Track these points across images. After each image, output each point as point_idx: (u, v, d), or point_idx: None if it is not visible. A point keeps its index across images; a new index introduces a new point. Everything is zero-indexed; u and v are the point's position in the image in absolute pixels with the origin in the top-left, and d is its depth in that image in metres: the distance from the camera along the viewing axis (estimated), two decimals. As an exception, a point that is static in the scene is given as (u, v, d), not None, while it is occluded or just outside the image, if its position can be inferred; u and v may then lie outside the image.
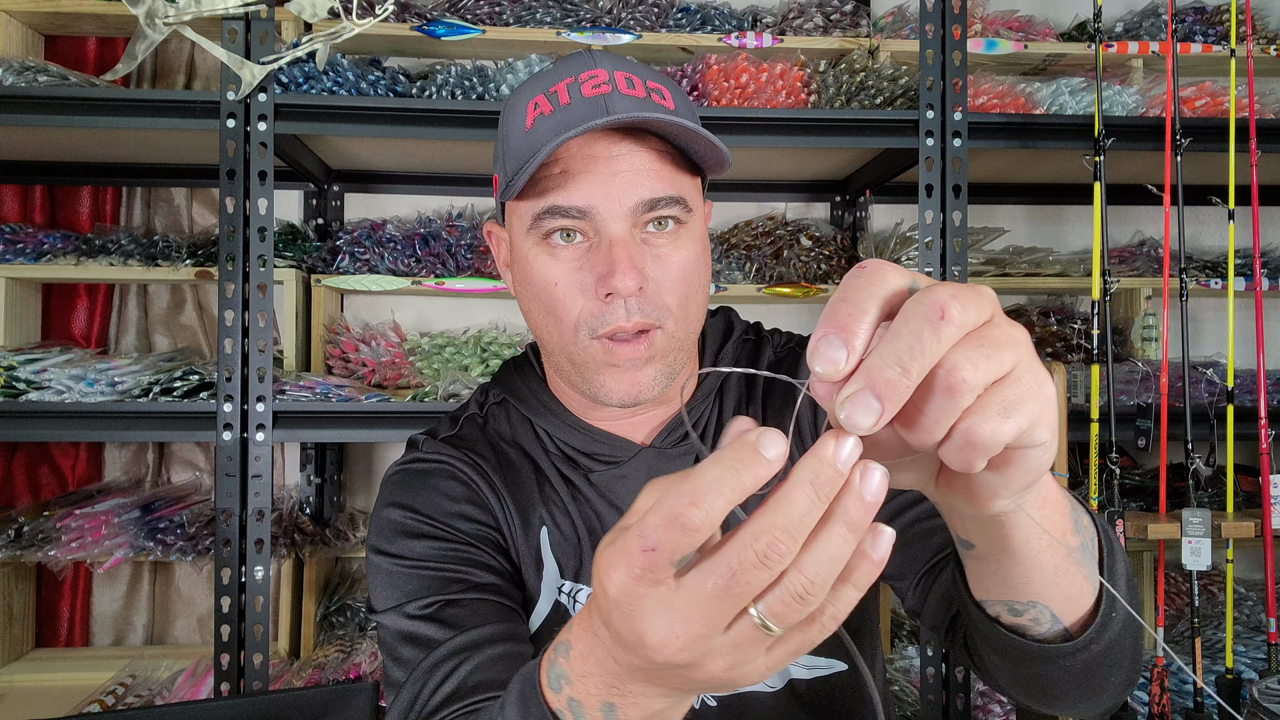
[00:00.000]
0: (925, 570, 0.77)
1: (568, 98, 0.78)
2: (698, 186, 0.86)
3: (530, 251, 0.82)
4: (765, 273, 2.23)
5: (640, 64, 0.83)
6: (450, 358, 2.08)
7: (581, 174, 0.78)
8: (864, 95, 1.99)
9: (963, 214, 1.85)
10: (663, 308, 0.80)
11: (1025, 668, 0.62)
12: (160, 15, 1.68)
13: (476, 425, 0.96)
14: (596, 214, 0.78)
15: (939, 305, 0.38)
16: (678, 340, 0.82)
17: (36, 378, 1.83)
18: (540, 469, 0.92)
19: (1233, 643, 1.78)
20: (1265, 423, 1.79)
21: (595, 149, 0.78)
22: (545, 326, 0.83)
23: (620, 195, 0.78)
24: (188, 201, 2.37)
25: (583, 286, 0.80)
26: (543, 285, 0.81)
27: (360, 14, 1.72)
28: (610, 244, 0.78)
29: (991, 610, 0.59)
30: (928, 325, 0.38)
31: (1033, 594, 0.56)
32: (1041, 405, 0.41)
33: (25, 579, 2.23)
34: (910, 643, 2.17)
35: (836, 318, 0.40)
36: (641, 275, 0.78)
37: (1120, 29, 2.33)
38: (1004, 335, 0.40)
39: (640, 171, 0.78)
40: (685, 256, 0.81)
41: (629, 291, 0.77)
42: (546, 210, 0.79)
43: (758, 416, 0.91)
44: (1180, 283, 1.84)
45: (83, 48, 2.31)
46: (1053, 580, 0.55)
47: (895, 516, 0.80)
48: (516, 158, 0.80)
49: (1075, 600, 0.58)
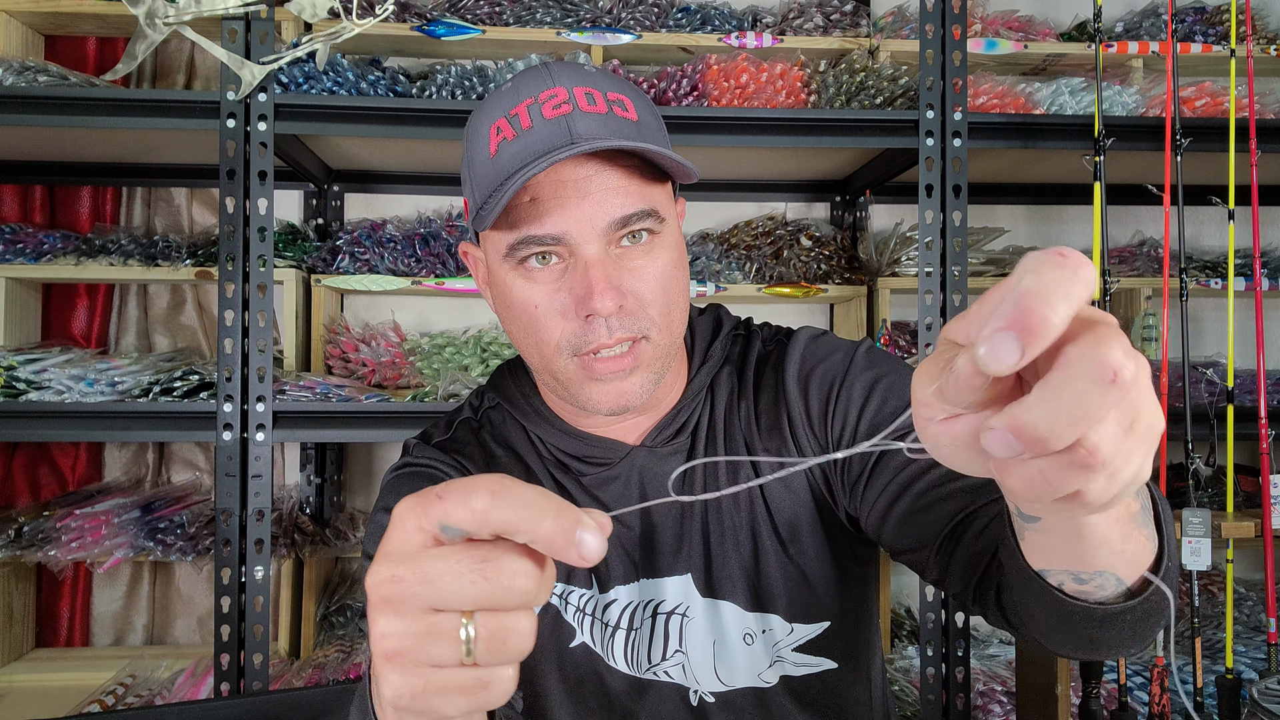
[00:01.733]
0: (943, 539, 0.76)
1: (529, 120, 0.78)
2: (668, 192, 0.86)
3: (507, 277, 0.82)
4: (765, 273, 2.23)
5: (600, 73, 0.83)
6: (450, 358, 2.08)
7: (551, 200, 0.78)
8: (864, 95, 1.99)
9: (963, 214, 1.85)
10: (645, 319, 0.80)
11: (1082, 629, 0.61)
12: (160, 15, 1.68)
13: (471, 429, 0.97)
14: (570, 238, 0.78)
15: (1111, 368, 0.35)
16: (663, 348, 0.83)
17: (36, 378, 1.83)
18: (532, 472, 0.92)
19: (1233, 643, 1.78)
20: (1265, 423, 1.79)
21: (562, 174, 0.78)
22: (528, 346, 0.84)
23: (592, 217, 0.78)
24: (188, 201, 2.37)
25: (562, 308, 0.80)
26: (523, 308, 0.81)
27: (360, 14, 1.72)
28: (586, 265, 0.78)
29: (1054, 579, 0.58)
30: (1095, 388, 0.35)
31: (1100, 564, 0.55)
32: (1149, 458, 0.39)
33: (25, 579, 2.23)
34: (910, 643, 2.17)
35: (1026, 314, 0.34)
36: (620, 293, 0.78)
37: (1120, 29, 2.33)
38: (1148, 405, 0.38)
39: (609, 191, 0.78)
40: (661, 265, 0.81)
41: (608, 311, 0.78)
42: (520, 241, 0.79)
43: (748, 413, 0.91)
44: (1180, 283, 1.84)
45: (83, 48, 2.31)
46: (1120, 549, 0.54)
47: (906, 488, 0.79)
48: (484, 185, 0.80)
49: (1139, 563, 0.56)
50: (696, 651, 0.88)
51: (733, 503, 0.89)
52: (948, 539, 0.75)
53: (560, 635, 0.89)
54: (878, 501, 0.81)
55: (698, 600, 0.88)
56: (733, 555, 0.88)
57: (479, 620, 0.42)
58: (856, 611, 0.92)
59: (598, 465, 0.90)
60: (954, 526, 0.75)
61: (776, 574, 0.88)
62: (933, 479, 0.78)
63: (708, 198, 2.46)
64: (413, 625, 0.43)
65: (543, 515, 0.41)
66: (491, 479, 0.43)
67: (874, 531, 0.84)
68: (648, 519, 0.90)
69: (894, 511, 0.80)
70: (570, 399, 0.84)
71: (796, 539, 0.89)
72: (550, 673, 0.89)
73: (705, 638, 0.88)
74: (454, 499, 0.42)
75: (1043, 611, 0.62)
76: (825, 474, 0.89)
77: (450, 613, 0.43)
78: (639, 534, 0.89)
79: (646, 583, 0.89)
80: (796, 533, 0.89)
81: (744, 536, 0.88)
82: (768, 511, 0.89)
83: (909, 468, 0.80)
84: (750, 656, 0.88)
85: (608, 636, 0.89)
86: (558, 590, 0.90)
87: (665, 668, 0.88)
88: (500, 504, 0.41)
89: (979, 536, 0.72)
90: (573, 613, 0.89)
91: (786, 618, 0.88)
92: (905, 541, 0.80)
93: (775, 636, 0.88)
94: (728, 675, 0.88)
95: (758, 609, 0.88)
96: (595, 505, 0.90)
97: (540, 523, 0.41)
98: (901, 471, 0.80)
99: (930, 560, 0.78)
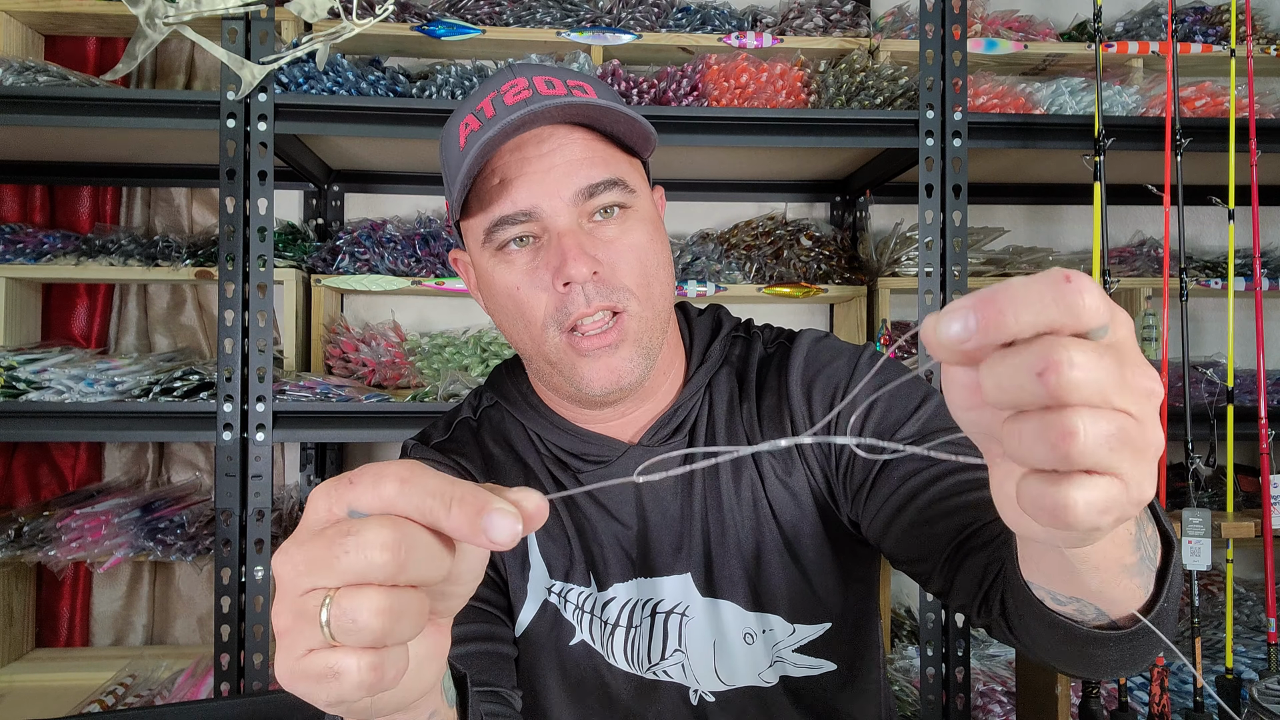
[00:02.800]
0: (949, 553, 0.76)
1: (492, 110, 0.81)
2: (638, 168, 0.88)
3: (488, 264, 0.84)
4: (765, 273, 2.23)
5: (561, 67, 0.87)
6: (450, 358, 2.08)
7: (518, 178, 0.81)
8: (864, 95, 1.99)
9: (963, 214, 1.85)
10: (622, 290, 0.82)
11: (1070, 645, 0.61)
12: (160, 15, 1.68)
13: (470, 429, 0.97)
14: (541, 212, 0.81)
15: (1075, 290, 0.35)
16: (646, 321, 0.83)
17: (36, 378, 1.83)
18: (531, 470, 0.93)
19: (1233, 643, 1.78)
20: (1265, 423, 1.79)
21: (525, 151, 0.81)
22: (518, 332, 0.85)
23: (558, 187, 0.80)
24: (188, 201, 2.37)
25: (542, 283, 0.81)
26: (506, 293, 0.83)
27: (360, 14, 1.72)
28: (559, 236, 0.80)
29: (1036, 594, 0.58)
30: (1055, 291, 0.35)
31: (1077, 594, 0.55)
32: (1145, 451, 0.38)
33: (25, 579, 2.23)
34: (910, 643, 2.17)
35: (988, 304, 0.36)
36: (594, 260, 0.80)
37: (1120, 29, 2.33)
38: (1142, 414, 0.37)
39: (573, 162, 0.81)
40: (636, 238, 0.83)
41: (583, 278, 0.79)
42: (495, 223, 0.82)
43: (751, 415, 0.91)
44: (1180, 283, 1.84)
45: (83, 48, 2.31)
46: (1098, 590, 0.53)
47: (911, 499, 0.79)
48: (457, 177, 0.82)
49: (1123, 604, 0.55)
50: (696, 651, 0.88)
51: (735, 503, 0.89)
52: (954, 553, 0.75)
53: (560, 633, 0.90)
54: (881, 511, 0.82)
55: (698, 599, 0.88)
56: (733, 555, 0.88)
57: (336, 596, 0.41)
58: (857, 613, 0.92)
59: (595, 462, 0.90)
60: (961, 541, 0.75)
61: (778, 574, 0.88)
62: (938, 492, 0.78)
63: (708, 198, 2.46)
64: (293, 605, 0.42)
65: (448, 502, 0.41)
66: (404, 465, 0.43)
67: (875, 539, 0.84)
68: (647, 518, 0.90)
69: (898, 522, 0.80)
70: (565, 382, 0.84)
71: (798, 540, 0.89)
72: (550, 671, 0.89)
73: (705, 637, 0.88)
74: (364, 485, 0.42)
75: (1034, 622, 0.62)
76: (827, 478, 0.89)
77: (319, 590, 0.42)
78: (637, 532, 0.89)
79: (645, 581, 0.89)
80: (798, 534, 0.89)
81: (745, 536, 0.88)
82: (771, 512, 0.89)
83: (914, 479, 0.80)
84: (750, 656, 0.88)
85: (607, 634, 0.89)
86: (557, 589, 0.90)
87: (665, 667, 0.88)
88: (408, 491, 0.42)
89: (985, 549, 0.72)
90: (572, 610, 0.89)
91: (787, 618, 0.88)
92: (909, 552, 0.80)
93: (776, 637, 0.88)
94: (728, 675, 0.88)
95: (758, 609, 0.88)
96: (593, 505, 0.90)
97: (444, 510, 0.41)
98: (906, 482, 0.80)
99: (934, 574, 0.78)
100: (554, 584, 0.90)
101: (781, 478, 0.89)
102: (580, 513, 0.90)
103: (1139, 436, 0.37)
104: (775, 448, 0.44)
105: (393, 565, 0.40)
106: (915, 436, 0.83)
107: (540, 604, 0.90)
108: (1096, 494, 0.36)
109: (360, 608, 0.40)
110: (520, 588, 0.90)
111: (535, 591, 0.90)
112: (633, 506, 0.90)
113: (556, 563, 0.90)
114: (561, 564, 0.90)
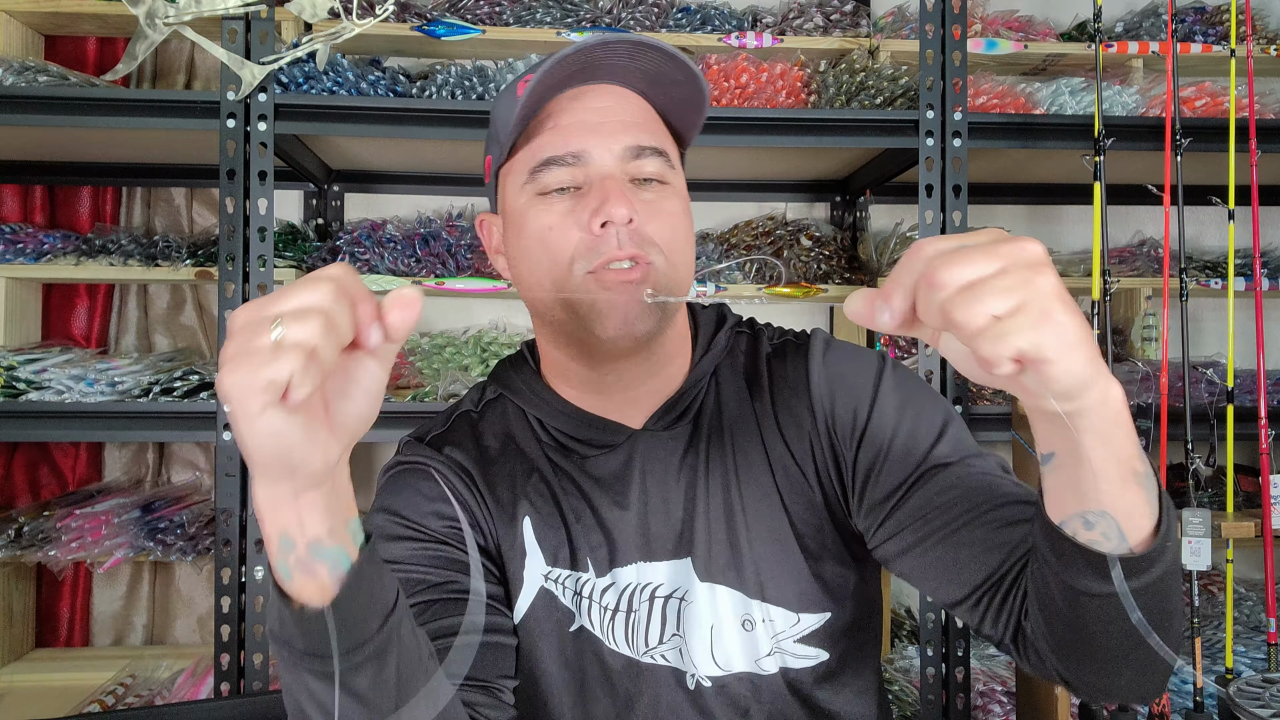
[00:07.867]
0: (985, 589, 0.79)
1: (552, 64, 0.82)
2: (678, 154, 0.90)
3: (524, 206, 0.85)
4: (765, 273, 2.23)
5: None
6: (450, 358, 2.08)
7: (572, 123, 0.83)
8: (864, 95, 1.99)
9: (963, 214, 1.85)
10: (650, 243, 0.83)
11: (1088, 610, 0.66)
12: (160, 15, 1.68)
13: (469, 420, 0.97)
14: (589, 156, 0.82)
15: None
16: (667, 277, 0.84)
17: (36, 378, 1.83)
18: (530, 459, 0.93)
19: (1233, 643, 1.78)
20: (1265, 423, 1.79)
21: (585, 101, 0.84)
22: (540, 275, 0.85)
23: (610, 139, 0.83)
24: (188, 201, 2.37)
25: (579, 223, 0.82)
26: (537, 235, 0.84)
27: (360, 14, 1.72)
28: (603, 179, 0.82)
29: (1069, 528, 0.64)
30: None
31: (1101, 501, 0.61)
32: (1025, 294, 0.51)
33: (25, 579, 2.23)
34: (910, 643, 2.17)
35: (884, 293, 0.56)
36: (634, 205, 0.81)
37: (1120, 29, 2.33)
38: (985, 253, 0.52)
39: (627, 123, 0.84)
40: (672, 206, 0.86)
41: (621, 219, 0.80)
42: (541, 163, 0.83)
43: (766, 407, 0.92)
44: (1180, 283, 1.83)
45: (83, 48, 2.31)
46: (1119, 491, 0.61)
47: (939, 534, 0.82)
48: (511, 124, 0.83)
49: (1138, 519, 0.62)
50: (694, 635, 0.88)
51: (740, 490, 0.89)
52: (989, 592, 0.79)
53: (559, 619, 0.90)
54: (902, 535, 0.84)
55: (697, 585, 0.89)
56: (736, 541, 0.89)
57: (285, 317, 0.51)
58: (859, 606, 0.92)
59: (600, 447, 0.91)
60: (996, 581, 0.78)
61: (780, 563, 0.88)
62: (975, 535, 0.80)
63: (708, 198, 2.46)
64: (244, 329, 0.51)
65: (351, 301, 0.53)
66: (336, 269, 0.54)
67: (886, 557, 0.86)
68: (648, 502, 0.90)
69: (919, 552, 0.83)
70: (578, 329, 0.84)
71: (803, 530, 0.89)
72: (550, 656, 0.89)
73: (703, 622, 0.88)
74: (290, 296, 0.52)
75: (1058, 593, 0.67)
76: (840, 473, 0.90)
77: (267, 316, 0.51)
78: (638, 517, 0.90)
79: (645, 565, 0.89)
80: (803, 524, 0.89)
81: (750, 523, 0.89)
82: (780, 502, 0.89)
83: (943, 514, 0.82)
84: (748, 643, 0.88)
85: (607, 619, 0.89)
86: (554, 575, 0.90)
87: (662, 650, 0.89)
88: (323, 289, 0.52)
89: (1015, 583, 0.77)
90: (570, 596, 0.89)
91: (788, 608, 0.88)
92: (928, 583, 0.84)
93: (776, 626, 0.88)
94: (724, 660, 0.88)
95: (759, 597, 0.88)
96: (598, 490, 0.91)
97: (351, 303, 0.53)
98: (933, 517, 0.82)
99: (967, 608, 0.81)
100: (551, 570, 0.90)
101: (791, 466, 0.90)
102: (583, 497, 0.90)
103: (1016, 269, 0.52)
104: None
105: (327, 300, 0.51)
106: (952, 458, 0.85)
107: (538, 590, 0.90)
108: (998, 302, 0.51)
109: (304, 323, 0.50)
110: (519, 576, 0.90)
111: (532, 579, 0.90)
112: (634, 491, 0.90)
113: (553, 549, 0.90)
114: (560, 551, 0.90)
